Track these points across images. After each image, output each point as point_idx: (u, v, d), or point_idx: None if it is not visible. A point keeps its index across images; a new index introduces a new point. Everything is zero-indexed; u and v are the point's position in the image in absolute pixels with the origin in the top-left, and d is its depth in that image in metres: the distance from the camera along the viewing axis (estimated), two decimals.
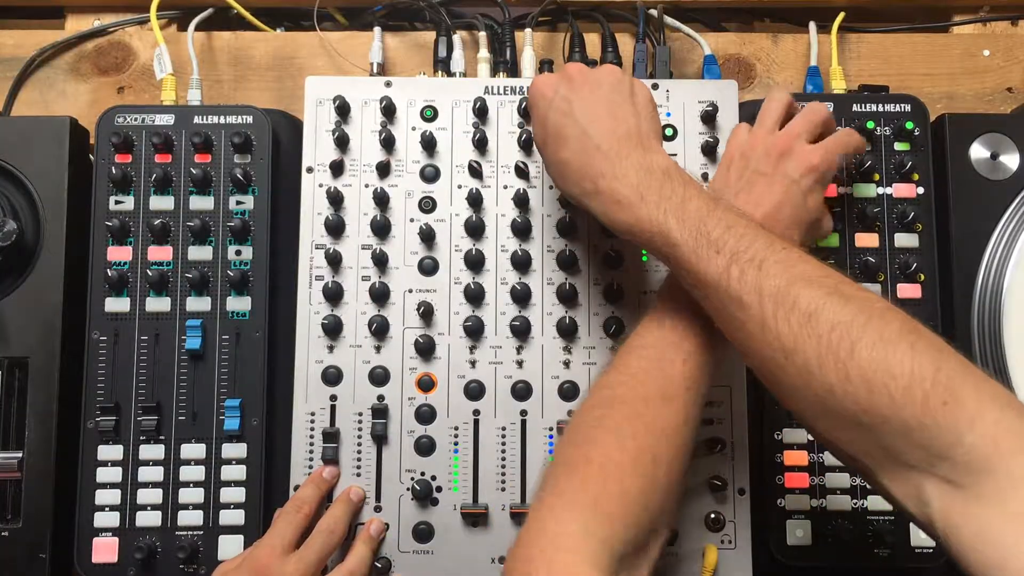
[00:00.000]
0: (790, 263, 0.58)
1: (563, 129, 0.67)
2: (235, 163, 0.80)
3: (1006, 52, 0.93)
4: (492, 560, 0.75)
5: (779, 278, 0.57)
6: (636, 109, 0.68)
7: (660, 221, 0.61)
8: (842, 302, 0.55)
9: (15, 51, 0.93)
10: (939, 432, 0.50)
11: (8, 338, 0.77)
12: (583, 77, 0.69)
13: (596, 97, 0.68)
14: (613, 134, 0.66)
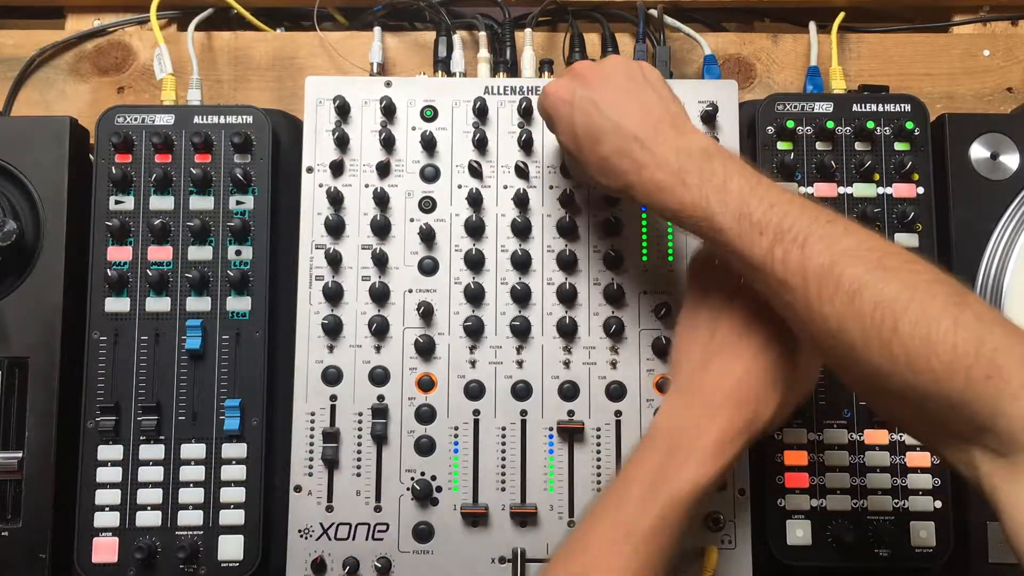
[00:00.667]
0: (834, 238, 0.57)
1: (593, 127, 0.66)
2: (235, 163, 0.80)
3: (1006, 52, 0.93)
4: (492, 560, 0.75)
5: (823, 256, 0.56)
6: (658, 93, 0.67)
7: (703, 206, 0.61)
8: (886, 277, 0.55)
9: (15, 51, 0.93)
10: (981, 406, 0.50)
11: (8, 338, 0.77)
12: (596, 73, 0.68)
13: (617, 89, 0.67)
14: (646, 121, 0.65)
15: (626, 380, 0.77)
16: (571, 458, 0.76)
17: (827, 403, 0.77)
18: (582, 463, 0.76)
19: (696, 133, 0.65)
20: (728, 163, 0.62)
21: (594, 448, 0.76)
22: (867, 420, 0.77)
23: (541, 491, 0.76)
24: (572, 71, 0.70)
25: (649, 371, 0.77)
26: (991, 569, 0.75)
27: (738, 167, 0.62)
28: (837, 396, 0.77)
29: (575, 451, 0.76)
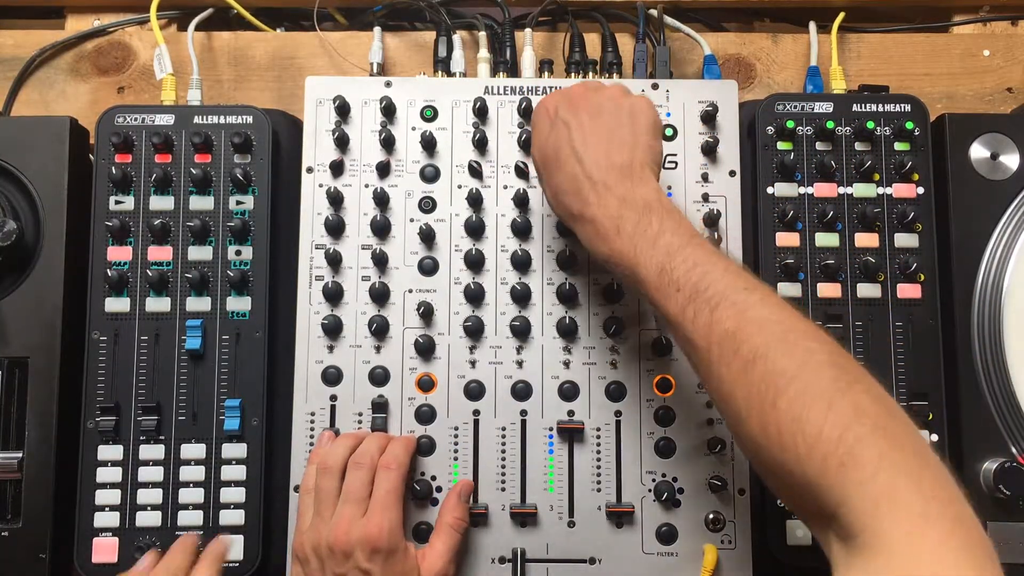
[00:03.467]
0: (747, 306, 0.58)
1: (559, 152, 0.68)
2: (235, 163, 0.80)
3: (1006, 52, 0.93)
4: (492, 560, 0.75)
5: (730, 321, 0.57)
6: (635, 137, 0.68)
7: (630, 255, 0.62)
8: (784, 351, 0.55)
9: (15, 51, 0.93)
10: (832, 493, 0.50)
11: (8, 338, 0.77)
12: (585, 100, 0.69)
13: (595, 123, 0.68)
14: (604, 163, 0.66)
15: (626, 380, 0.77)
16: (571, 458, 0.76)
17: None
18: (582, 463, 0.76)
19: (647, 185, 0.65)
20: (666, 219, 0.63)
21: (594, 448, 0.76)
22: None
23: (541, 491, 0.76)
24: (569, 91, 0.70)
25: (649, 371, 0.77)
26: None
27: (674, 224, 0.63)
28: None
29: (575, 451, 0.76)
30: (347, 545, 0.67)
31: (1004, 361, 0.78)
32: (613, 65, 0.86)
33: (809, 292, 0.78)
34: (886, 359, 0.77)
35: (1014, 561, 0.75)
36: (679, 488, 0.76)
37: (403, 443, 0.74)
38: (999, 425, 0.77)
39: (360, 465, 0.71)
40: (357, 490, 0.70)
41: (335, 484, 0.71)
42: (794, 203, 0.80)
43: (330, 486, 0.70)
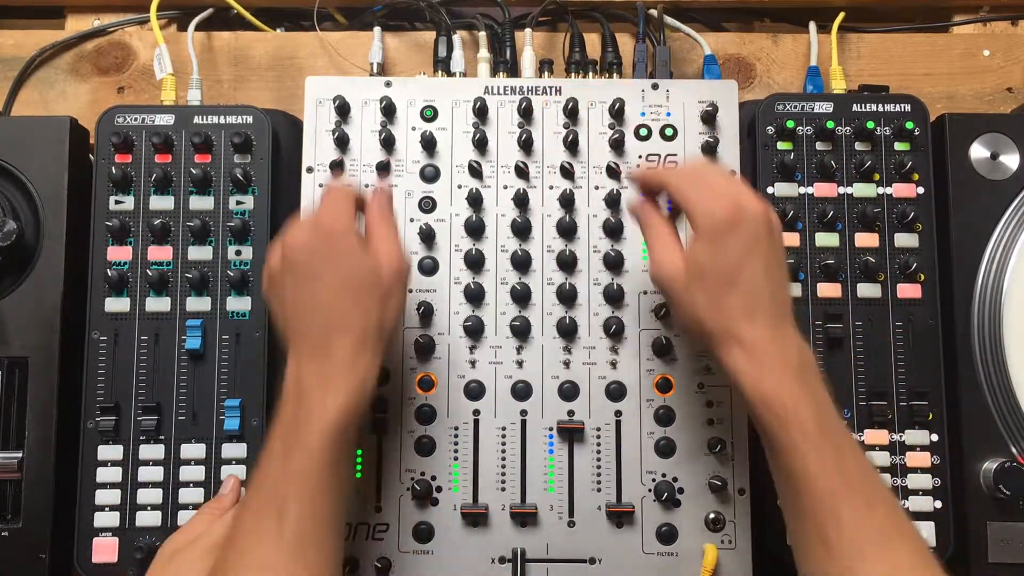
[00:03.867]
0: (899, 518, 0.59)
1: (749, 274, 0.62)
2: (235, 163, 0.80)
3: (1006, 52, 0.93)
4: (492, 560, 0.75)
5: (885, 525, 0.57)
6: (788, 278, 0.66)
7: (799, 410, 0.59)
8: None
9: (15, 51, 0.93)
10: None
11: (8, 338, 0.77)
12: (772, 227, 0.64)
13: (776, 253, 0.64)
14: (785, 301, 0.64)
15: (626, 380, 0.77)
16: (571, 458, 0.76)
17: None
18: (582, 463, 0.76)
19: (799, 340, 0.63)
20: (827, 388, 0.62)
21: (594, 448, 0.76)
22: (867, 420, 0.77)
23: (541, 491, 0.76)
24: (768, 210, 0.64)
25: (649, 371, 0.77)
26: (991, 569, 0.75)
27: (831, 396, 0.62)
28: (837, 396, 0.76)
29: (575, 451, 0.76)
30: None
31: (1004, 361, 0.78)
32: (613, 65, 0.86)
33: (809, 292, 0.78)
34: (886, 359, 0.77)
35: (1014, 561, 0.75)
36: (679, 488, 0.76)
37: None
38: (999, 425, 0.77)
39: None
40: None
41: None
42: (794, 203, 0.80)
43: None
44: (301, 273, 0.63)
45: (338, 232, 0.64)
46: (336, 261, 0.63)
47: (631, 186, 0.70)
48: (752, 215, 0.62)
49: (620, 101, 0.80)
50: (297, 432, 0.60)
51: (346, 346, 0.62)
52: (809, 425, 0.59)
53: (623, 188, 0.80)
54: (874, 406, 0.76)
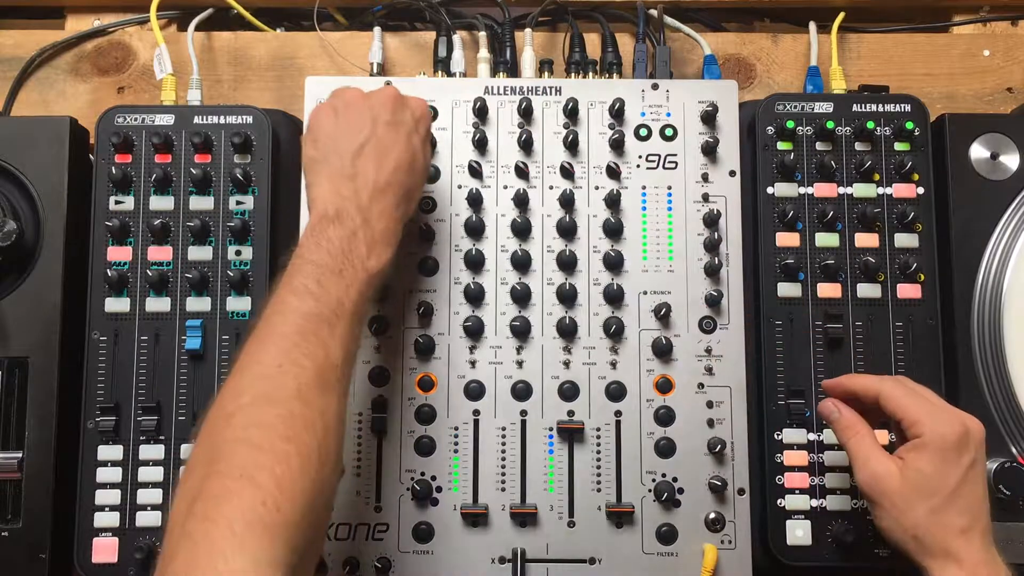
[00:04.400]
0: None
1: (971, 499, 0.64)
2: (235, 163, 0.80)
3: (1006, 52, 0.93)
4: (492, 560, 0.75)
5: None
6: (987, 493, 0.67)
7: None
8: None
9: (15, 51, 0.93)
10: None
11: (8, 338, 0.77)
12: (984, 445, 0.66)
13: (981, 475, 0.66)
14: (985, 517, 0.66)
15: (626, 380, 0.77)
16: (571, 458, 0.76)
17: None
18: (582, 463, 0.76)
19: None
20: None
21: (594, 448, 0.76)
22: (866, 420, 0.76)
23: (541, 491, 0.76)
24: (982, 429, 0.66)
25: (649, 371, 0.77)
26: None
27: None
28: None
29: (575, 451, 0.76)
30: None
31: (1004, 361, 0.78)
32: (613, 65, 0.86)
33: (809, 292, 0.78)
34: (886, 359, 0.77)
35: (1014, 561, 0.75)
36: (679, 488, 0.76)
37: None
38: (999, 425, 0.77)
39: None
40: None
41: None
42: (794, 203, 0.80)
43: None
44: (355, 115, 0.69)
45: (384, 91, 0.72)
46: (384, 104, 0.70)
47: (829, 393, 0.72)
48: (977, 438, 0.65)
49: (620, 101, 0.80)
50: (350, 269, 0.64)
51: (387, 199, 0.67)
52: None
53: (623, 188, 0.80)
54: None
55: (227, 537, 0.49)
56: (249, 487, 0.51)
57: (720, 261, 0.79)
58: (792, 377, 0.77)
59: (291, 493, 0.52)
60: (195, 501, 0.51)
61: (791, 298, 0.78)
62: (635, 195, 0.80)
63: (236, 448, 0.53)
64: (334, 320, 0.61)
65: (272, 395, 0.56)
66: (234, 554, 0.48)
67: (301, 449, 0.54)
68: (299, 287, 0.61)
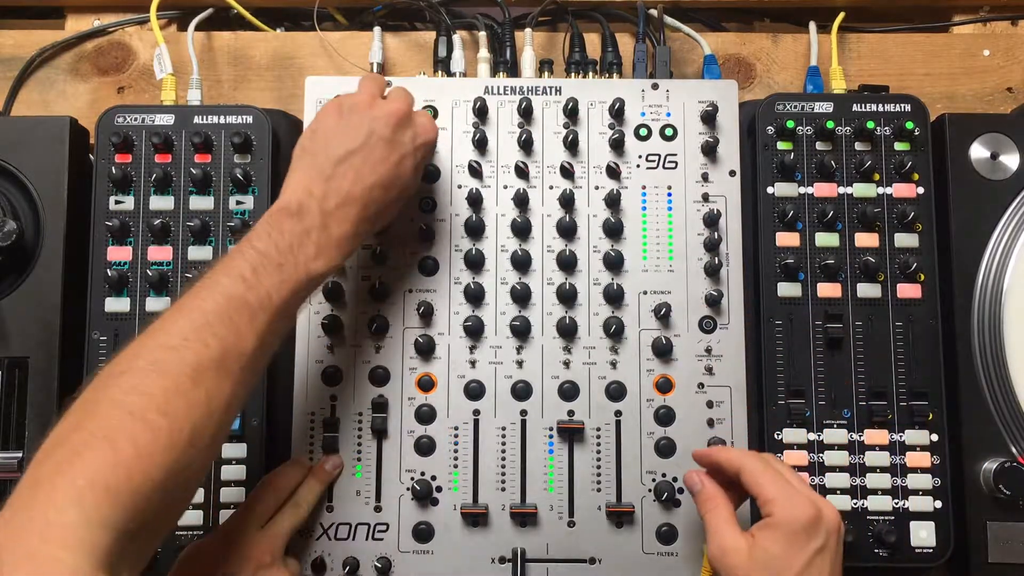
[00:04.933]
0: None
1: (808, 573, 0.63)
2: (235, 163, 0.80)
3: (1006, 52, 0.93)
4: (492, 560, 0.75)
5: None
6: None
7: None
8: None
9: (15, 51, 0.93)
10: None
11: (8, 338, 0.77)
12: (840, 535, 0.65)
13: (840, 562, 0.65)
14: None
15: (626, 380, 0.77)
16: (571, 458, 0.76)
17: (827, 403, 0.77)
18: (582, 463, 0.76)
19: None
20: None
21: (594, 448, 0.76)
22: (867, 420, 0.77)
23: (541, 491, 0.76)
24: (838, 518, 0.65)
25: (649, 371, 0.77)
26: (991, 569, 0.75)
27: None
28: (837, 396, 0.77)
29: (575, 451, 0.76)
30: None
31: (1004, 361, 0.78)
32: (613, 65, 0.86)
33: (809, 292, 0.78)
34: (886, 359, 0.77)
35: (1014, 561, 0.75)
36: (679, 488, 0.76)
37: (316, 483, 0.75)
38: (999, 425, 0.77)
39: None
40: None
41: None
42: (794, 203, 0.80)
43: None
44: (355, 122, 0.69)
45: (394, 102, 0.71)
46: (387, 119, 0.70)
47: (697, 463, 0.72)
48: (830, 525, 0.64)
49: (620, 101, 0.80)
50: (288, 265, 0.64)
51: (350, 216, 0.67)
52: None
53: (623, 188, 0.80)
54: (874, 406, 0.76)
55: (68, 489, 0.49)
56: (107, 448, 0.51)
57: (720, 261, 0.79)
58: (792, 377, 0.77)
59: (148, 465, 0.52)
60: (56, 447, 0.52)
61: (791, 298, 0.78)
62: (635, 195, 0.80)
63: (111, 409, 0.53)
64: (257, 310, 0.61)
65: (166, 366, 0.56)
66: (68, 506, 0.48)
67: (174, 425, 0.54)
68: (234, 270, 0.62)
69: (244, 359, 0.59)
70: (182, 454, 0.54)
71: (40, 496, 0.49)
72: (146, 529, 0.52)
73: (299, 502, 0.73)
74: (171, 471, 0.53)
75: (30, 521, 0.48)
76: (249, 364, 0.60)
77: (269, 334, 0.62)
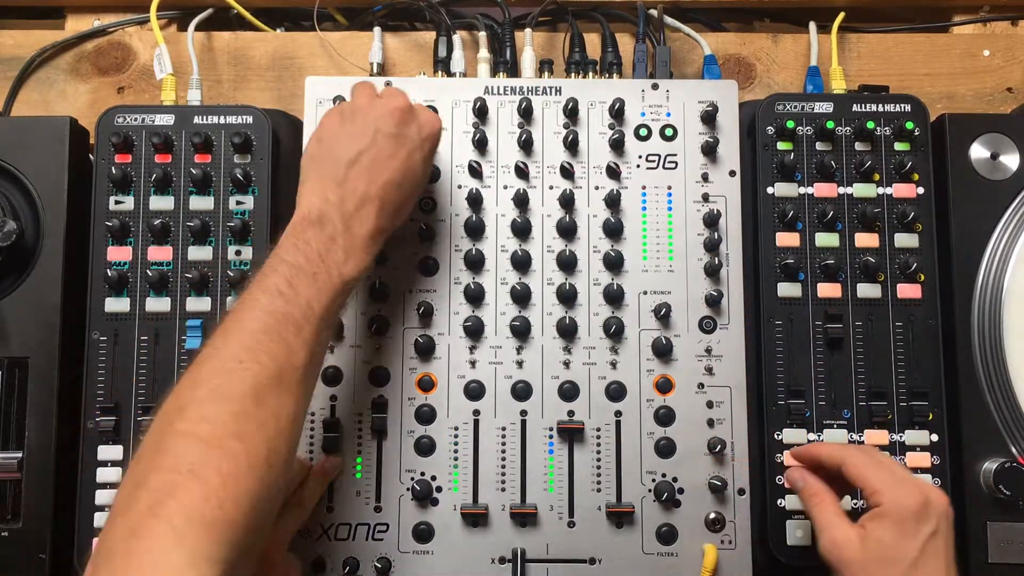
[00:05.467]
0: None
1: (923, 561, 0.63)
2: (235, 163, 0.80)
3: (1006, 52, 0.93)
4: (492, 560, 0.75)
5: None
6: (953, 567, 0.65)
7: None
8: None
9: (15, 51, 0.93)
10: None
11: (8, 338, 0.77)
12: (951, 518, 0.65)
13: (942, 547, 0.64)
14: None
15: (626, 380, 0.77)
16: (571, 458, 0.76)
17: (827, 403, 0.77)
18: (582, 463, 0.76)
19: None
20: None
21: (594, 448, 0.76)
22: (867, 420, 0.77)
23: (541, 491, 0.76)
24: (947, 501, 0.65)
25: (649, 371, 0.77)
26: (991, 569, 0.75)
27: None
28: (837, 396, 0.77)
29: (575, 451, 0.76)
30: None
31: (1004, 361, 0.78)
32: (613, 65, 0.86)
33: (809, 292, 0.78)
34: (886, 359, 0.77)
35: (1014, 561, 0.75)
36: (679, 488, 0.76)
37: (317, 482, 0.75)
38: (999, 425, 0.77)
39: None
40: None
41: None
42: (794, 203, 0.80)
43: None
44: (359, 123, 0.69)
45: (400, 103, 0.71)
46: (390, 115, 0.70)
47: (797, 460, 0.72)
48: (939, 509, 0.64)
49: (620, 101, 0.80)
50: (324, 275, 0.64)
51: (371, 214, 0.67)
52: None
53: (623, 188, 0.80)
54: (874, 406, 0.76)
55: (167, 532, 0.49)
56: (194, 483, 0.51)
57: (720, 261, 0.79)
58: (792, 377, 0.77)
59: (235, 492, 0.52)
60: (138, 490, 0.51)
61: (791, 298, 0.78)
62: (635, 195, 0.80)
63: (185, 442, 0.53)
64: (302, 322, 0.61)
65: (227, 390, 0.56)
66: (173, 549, 0.48)
67: (250, 448, 0.54)
68: (270, 286, 0.61)
69: (299, 372, 0.59)
70: (264, 475, 0.54)
71: (141, 543, 0.48)
72: (244, 552, 0.52)
73: (302, 502, 0.73)
74: (256, 494, 0.53)
75: (138, 570, 0.47)
76: (304, 376, 0.60)
77: (317, 344, 0.62)
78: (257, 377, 0.57)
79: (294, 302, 0.61)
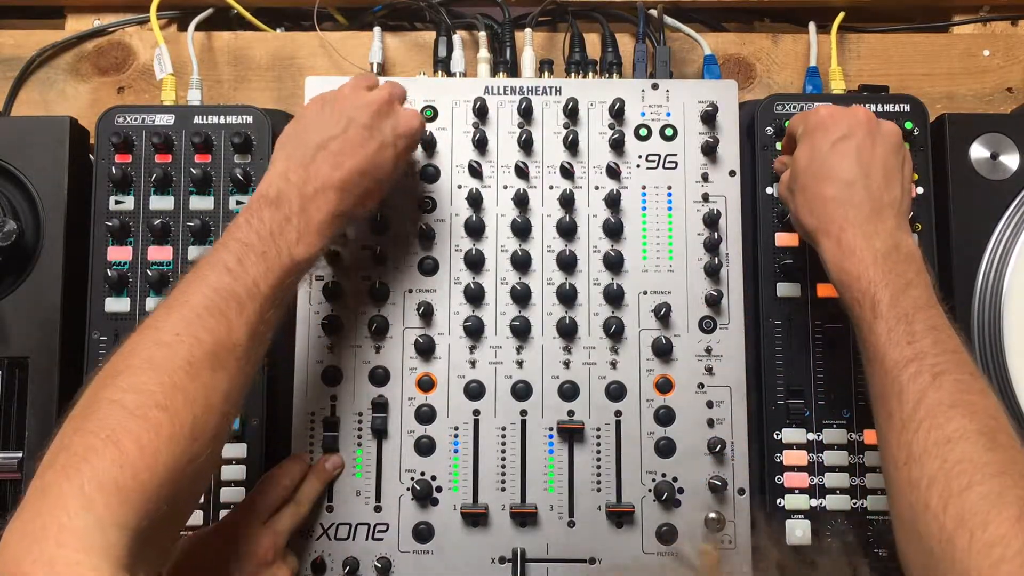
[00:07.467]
0: (966, 389, 0.59)
1: (837, 169, 0.67)
2: (235, 163, 0.80)
3: (1006, 52, 0.93)
4: (492, 560, 0.75)
5: (946, 395, 0.58)
6: (904, 183, 0.69)
7: (876, 289, 0.63)
8: (988, 446, 0.56)
9: (15, 51, 0.93)
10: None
11: (8, 338, 0.77)
12: (871, 129, 0.69)
13: (877, 153, 0.68)
14: (881, 196, 0.67)
15: (626, 380, 0.77)
16: (571, 458, 0.76)
17: (827, 403, 0.77)
18: (582, 463, 0.76)
19: (910, 234, 0.68)
20: (920, 274, 0.65)
21: (594, 448, 0.76)
22: (867, 420, 0.76)
23: (541, 491, 0.76)
24: (854, 114, 0.69)
25: (649, 371, 0.77)
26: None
27: (926, 283, 0.65)
28: (837, 396, 0.77)
29: (575, 451, 0.76)
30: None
31: (1004, 361, 0.77)
32: (613, 65, 0.86)
33: (809, 292, 0.78)
34: None
35: None
36: (679, 488, 0.76)
37: (317, 481, 0.76)
38: None
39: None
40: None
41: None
42: None
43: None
44: (336, 111, 0.69)
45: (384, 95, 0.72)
46: (367, 107, 0.70)
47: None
48: (847, 116, 0.68)
49: (620, 101, 0.80)
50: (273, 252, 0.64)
51: (330, 201, 0.67)
52: (884, 305, 0.62)
53: (623, 188, 0.80)
54: None
55: (77, 494, 0.49)
56: (111, 448, 0.51)
57: (720, 261, 0.79)
58: (792, 377, 0.77)
59: (153, 462, 0.52)
60: (60, 452, 0.52)
61: (791, 298, 0.78)
62: (635, 195, 0.80)
63: (110, 408, 0.53)
64: (246, 300, 0.61)
65: (161, 362, 0.56)
66: (80, 512, 0.48)
67: (175, 420, 0.54)
68: (218, 262, 0.62)
69: (238, 351, 0.59)
70: (186, 448, 0.54)
71: (50, 502, 0.49)
72: (159, 527, 0.52)
73: (300, 500, 0.73)
74: (176, 466, 0.53)
75: (44, 528, 0.48)
76: (244, 355, 0.60)
77: (260, 324, 0.62)
78: (192, 351, 0.57)
79: (240, 279, 0.61)
